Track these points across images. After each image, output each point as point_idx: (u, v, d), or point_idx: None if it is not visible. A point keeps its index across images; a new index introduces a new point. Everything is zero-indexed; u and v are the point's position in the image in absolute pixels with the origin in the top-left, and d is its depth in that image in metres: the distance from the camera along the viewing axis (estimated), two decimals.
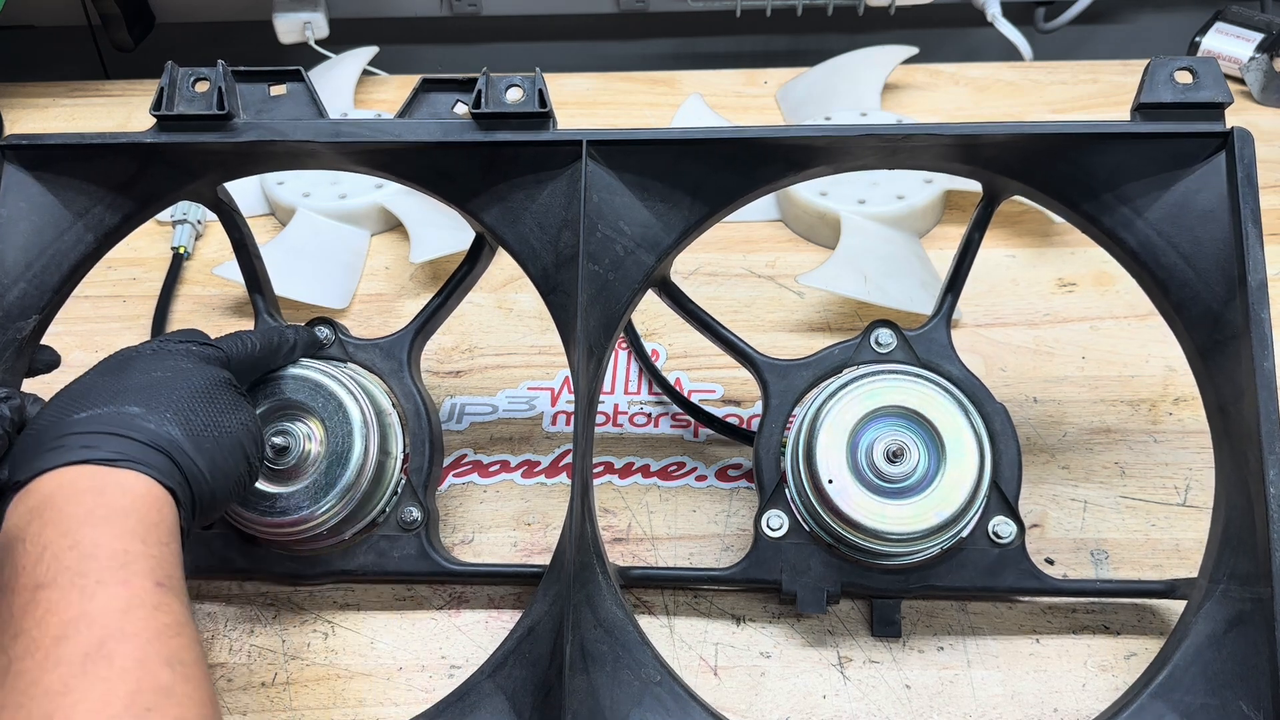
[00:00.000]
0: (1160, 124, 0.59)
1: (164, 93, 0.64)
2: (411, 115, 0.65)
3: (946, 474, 0.60)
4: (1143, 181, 0.59)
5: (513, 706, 0.57)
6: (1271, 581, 0.52)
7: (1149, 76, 0.59)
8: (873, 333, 0.66)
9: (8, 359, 0.63)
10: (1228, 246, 0.57)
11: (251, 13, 1.13)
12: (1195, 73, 0.59)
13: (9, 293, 0.63)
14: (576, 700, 0.55)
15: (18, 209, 0.64)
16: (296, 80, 0.66)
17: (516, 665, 0.58)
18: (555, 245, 0.63)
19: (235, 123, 0.64)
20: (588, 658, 0.57)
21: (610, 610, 0.59)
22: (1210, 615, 0.55)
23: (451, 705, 0.58)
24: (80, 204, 0.65)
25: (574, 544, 0.58)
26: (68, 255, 0.65)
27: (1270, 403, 0.53)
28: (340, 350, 0.69)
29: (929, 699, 0.62)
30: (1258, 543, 0.54)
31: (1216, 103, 0.58)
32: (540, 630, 0.58)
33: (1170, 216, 0.59)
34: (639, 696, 0.57)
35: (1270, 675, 0.52)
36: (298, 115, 0.65)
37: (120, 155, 0.65)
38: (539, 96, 0.62)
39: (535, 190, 0.63)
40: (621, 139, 0.62)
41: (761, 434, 0.65)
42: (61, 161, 0.65)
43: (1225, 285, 0.57)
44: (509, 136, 0.62)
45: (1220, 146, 0.58)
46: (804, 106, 1.01)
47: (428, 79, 0.65)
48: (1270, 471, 0.53)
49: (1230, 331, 0.57)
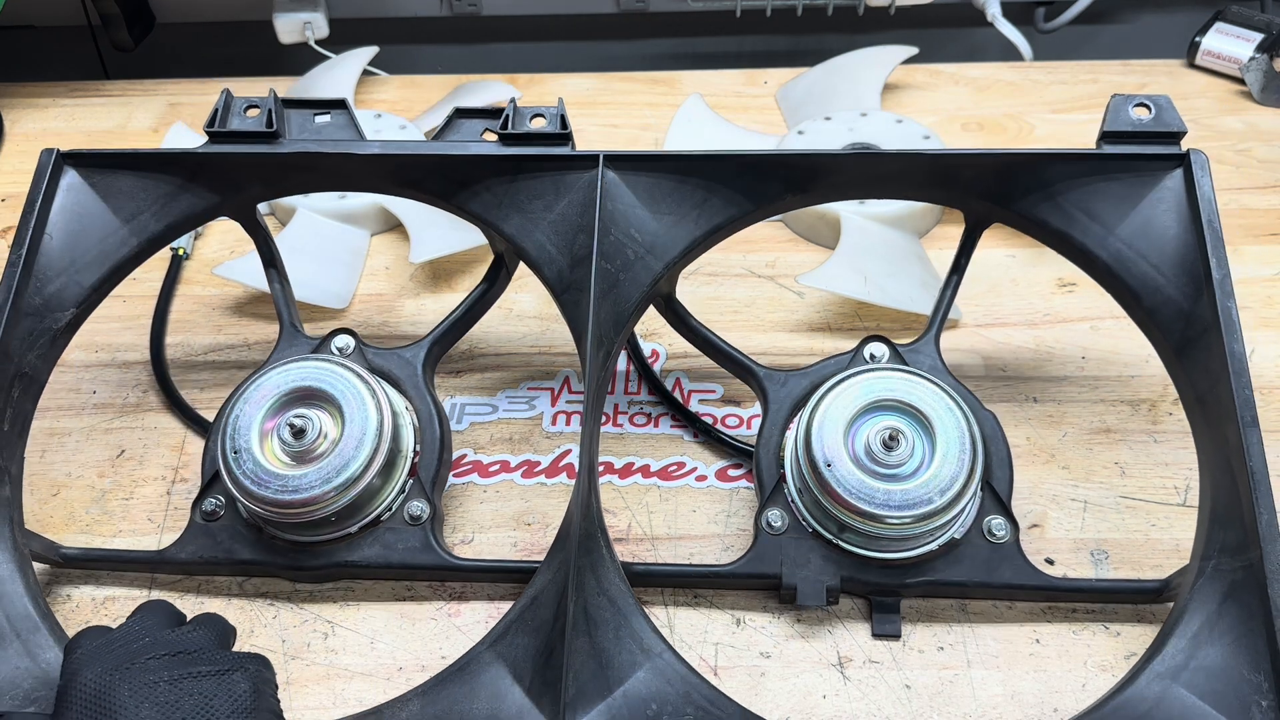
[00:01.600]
0: (1124, 146, 0.66)
1: (217, 113, 0.71)
2: (443, 139, 0.71)
3: (940, 461, 0.62)
4: (1111, 201, 0.66)
5: (513, 673, 0.57)
6: (1260, 543, 0.55)
7: (1111, 112, 0.66)
8: (865, 347, 0.70)
9: (43, 345, 0.67)
10: (1191, 251, 0.63)
11: (251, 13, 1.13)
12: (1151, 107, 0.66)
13: (52, 283, 0.68)
14: (579, 660, 0.56)
15: (70, 211, 0.70)
16: (340, 109, 0.73)
17: (519, 634, 0.59)
18: (571, 249, 0.67)
19: (282, 141, 0.71)
20: (590, 621, 0.58)
21: (612, 580, 0.60)
22: (1204, 591, 0.57)
23: (451, 676, 0.58)
24: (128, 210, 0.71)
25: (580, 511, 0.59)
26: (111, 256, 0.70)
27: (1242, 379, 0.58)
28: (360, 358, 0.72)
29: (929, 699, 0.63)
30: (1243, 512, 0.56)
31: (1173, 131, 0.65)
32: (544, 598, 0.59)
33: (1139, 231, 0.65)
34: (640, 662, 0.57)
35: (1266, 634, 0.54)
36: (339, 138, 0.73)
37: (172, 166, 0.71)
38: (560, 120, 0.69)
39: (554, 201, 0.68)
40: (635, 155, 0.69)
41: (761, 435, 0.68)
42: (116, 170, 0.71)
43: (1193, 285, 0.63)
44: (531, 150, 0.69)
45: (1177, 165, 0.65)
46: (804, 106, 1.01)
47: (460, 109, 0.72)
48: (1249, 438, 0.57)
49: (1201, 326, 0.61)
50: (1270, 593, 0.54)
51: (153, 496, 0.75)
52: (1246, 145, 0.96)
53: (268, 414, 0.66)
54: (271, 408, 0.66)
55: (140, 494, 0.75)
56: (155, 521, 0.73)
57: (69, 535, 0.72)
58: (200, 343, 0.85)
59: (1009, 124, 1.01)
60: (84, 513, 0.74)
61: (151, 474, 0.76)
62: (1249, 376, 0.58)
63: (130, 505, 0.74)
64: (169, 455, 0.77)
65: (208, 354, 0.84)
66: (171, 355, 0.84)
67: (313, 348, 0.73)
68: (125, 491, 0.75)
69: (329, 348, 0.72)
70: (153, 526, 0.73)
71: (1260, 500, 0.55)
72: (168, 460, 0.77)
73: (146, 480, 0.76)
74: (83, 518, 0.74)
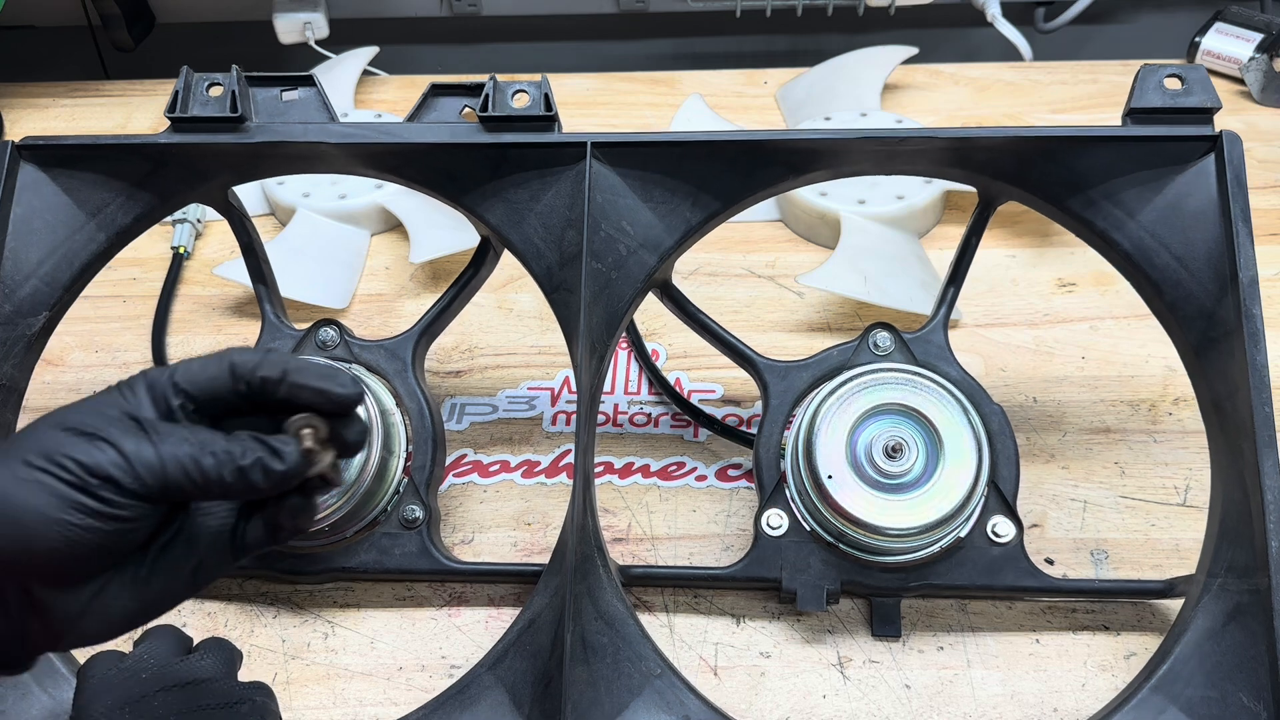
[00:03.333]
0: (1151, 128, 0.60)
1: (178, 96, 0.66)
2: (419, 119, 0.67)
3: (945, 470, 0.61)
4: (1134, 184, 0.61)
5: (512, 699, 0.57)
6: (1269, 572, 0.53)
7: (1139, 83, 0.61)
8: (871, 335, 0.67)
9: (17, 354, 0.64)
10: (1219, 245, 0.58)
11: (251, 13, 1.13)
12: (1184, 79, 0.61)
13: (21, 289, 0.64)
14: (577, 690, 0.55)
15: (32, 207, 0.65)
16: (308, 85, 0.68)
17: (517, 658, 0.58)
18: (559, 244, 0.64)
19: (248, 125, 0.66)
20: (588, 648, 0.57)
21: (611, 603, 0.59)
22: (1208, 609, 0.56)
23: (451, 698, 0.58)
24: (94, 203, 0.67)
25: (575, 535, 0.58)
26: (79, 253, 0.66)
27: (1263, 395, 0.55)
28: (345, 351, 0.70)
29: (929, 699, 0.62)
30: (1254, 534, 0.54)
31: (1205, 108, 0.60)
32: (541, 622, 0.58)
33: (1162, 218, 0.60)
34: (639, 688, 0.57)
35: (1270, 665, 0.53)
36: (309, 119, 0.67)
37: (134, 156, 0.66)
38: (544, 100, 0.64)
39: (540, 191, 0.64)
40: (624, 141, 0.63)
41: (761, 434, 0.66)
42: (76, 161, 0.66)
43: (1217, 283, 0.58)
44: (516, 138, 0.64)
45: (1209, 149, 0.60)
46: (804, 107, 1.01)
47: (436, 85, 0.67)
48: (1265, 462, 0.54)
49: (1224, 328, 0.58)
50: (1276, 625, 0.52)
51: None
52: (1246, 145, 0.94)
53: None
54: None
55: None
56: None
57: None
58: (200, 343, 0.85)
59: (1009, 124, 1.00)
60: None
61: None
62: (1270, 392, 0.55)
63: None
64: None
65: None
66: (172, 355, 0.84)
67: (297, 340, 0.70)
68: None
69: (313, 340, 0.70)
70: None
71: (1272, 528, 0.53)
72: None
73: None
74: None
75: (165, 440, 0.41)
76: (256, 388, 0.44)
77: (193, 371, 0.44)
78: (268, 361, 0.44)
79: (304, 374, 0.44)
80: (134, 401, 0.43)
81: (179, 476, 0.41)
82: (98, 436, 0.41)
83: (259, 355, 0.45)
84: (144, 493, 0.41)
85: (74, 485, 0.40)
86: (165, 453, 0.41)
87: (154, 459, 0.41)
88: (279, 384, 0.44)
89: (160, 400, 0.43)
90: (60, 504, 0.40)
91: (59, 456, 0.40)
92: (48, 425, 0.42)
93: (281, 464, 0.43)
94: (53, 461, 0.40)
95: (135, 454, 0.41)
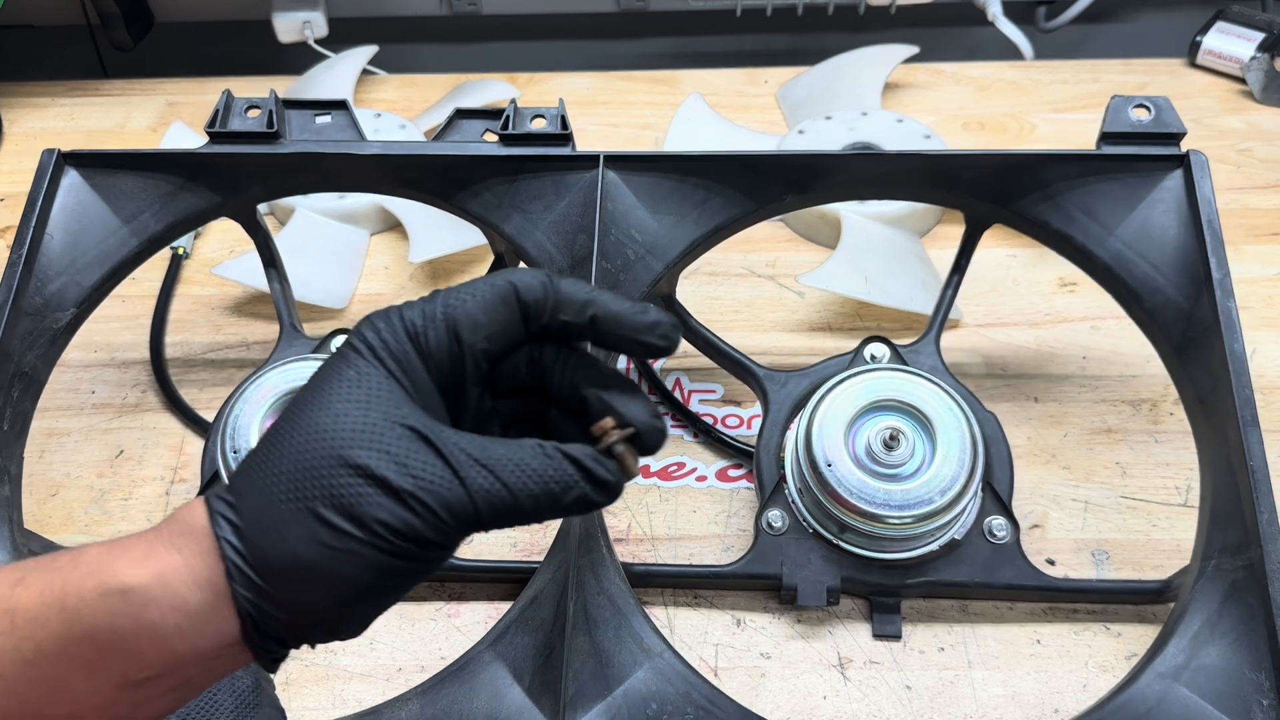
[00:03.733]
0: (1125, 147, 0.66)
1: (218, 114, 0.71)
2: (444, 139, 0.71)
3: (941, 459, 0.63)
4: (1111, 202, 0.66)
5: (512, 672, 0.57)
6: (1260, 542, 0.55)
7: (1110, 113, 0.67)
8: (866, 347, 0.70)
9: (42, 345, 0.67)
10: (1192, 251, 0.63)
11: (250, 12, 1.13)
12: (1151, 108, 0.67)
13: (53, 283, 0.68)
14: (578, 660, 0.56)
15: (71, 210, 0.70)
16: (341, 110, 0.73)
17: (518, 633, 0.59)
18: (571, 249, 0.67)
19: (282, 142, 0.71)
20: (590, 620, 0.58)
21: (612, 579, 0.60)
22: (1205, 591, 0.57)
23: (451, 675, 0.58)
24: (129, 210, 0.71)
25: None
26: (111, 256, 0.70)
27: (1242, 379, 0.59)
28: None
29: (929, 700, 0.62)
30: (1244, 513, 0.56)
31: (1173, 132, 0.66)
32: (544, 597, 0.59)
33: (1139, 231, 0.65)
34: (640, 663, 0.57)
35: (1267, 633, 0.54)
36: (340, 139, 0.73)
37: (171, 166, 0.71)
38: (560, 120, 0.70)
39: (554, 201, 0.69)
40: (636, 155, 0.69)
41: (761, 436, 0.68)
42: (117, 170, 0.71)
43: (1193, 285, 0.63)
44: (532, 151, 0.69)
45: (1177, 166, 0.65)
46: (804, 106, 1.01)
47: (461, 110, 0.72)
48: (1249, 438, 0.57)
49: (1202, 326, 0.61)
50: (1271, 591, 0.54)
51: (151, 497, 0.74)
52: (1247, 145, 0.96)
53: (267, 414, 0.66)
54: (271, 408, 0.66)
55: (139, 494, 0.75)
56: (154, 521, 0.73)
57: (68, 535, 0.72)
58: (200, 342, 0.85)
59: (1010, 123, 1.00)
60: (83, 513, 0.74)
61: (150, 474, 0.76)
62: (1249, 376, 0.58)
63: (129, 505, 0.74)
64: (168, 455, 0.77)
65: (207, 354, 0.84)
66: (171, 355, 0.84)
67: (313, 348, 0.72)
68: (124, 492, 0.75)
69: (329, 348, 0.72)
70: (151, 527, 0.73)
71: (1260, 499, 0.56)
72: (167, 460, 0.76)
73: (145, 480, 0.75)
74: (81, 518, 0.73)
75: (471, 477, 0.35)
76: (555, 330, 0.38)
77: (479, 324, 0.37)
78: (566, 301, 0.38)
79: (619, 321, 0.38)
80: (413, 398, 0.37)
81: (491, 518, 0.36)
82: (399, 490, 0.35)
83: (547, 287, 0.38)
84: (454, 533, 0.36)
85: (390, 553, 0.35)
86: (479, 497, 0.35)
87: (467, 506, 0.35)
88: (584, 329, 0.38)
89: (443, 367, 0.37)
90: (379, 573, 0.35)
91: (366, 519, 0.35)
92: (320, 452, 0.35)
93: (605, 498, 0.37)
94: (360, 525, 0.35)
95: (446, 503, 0.35)
